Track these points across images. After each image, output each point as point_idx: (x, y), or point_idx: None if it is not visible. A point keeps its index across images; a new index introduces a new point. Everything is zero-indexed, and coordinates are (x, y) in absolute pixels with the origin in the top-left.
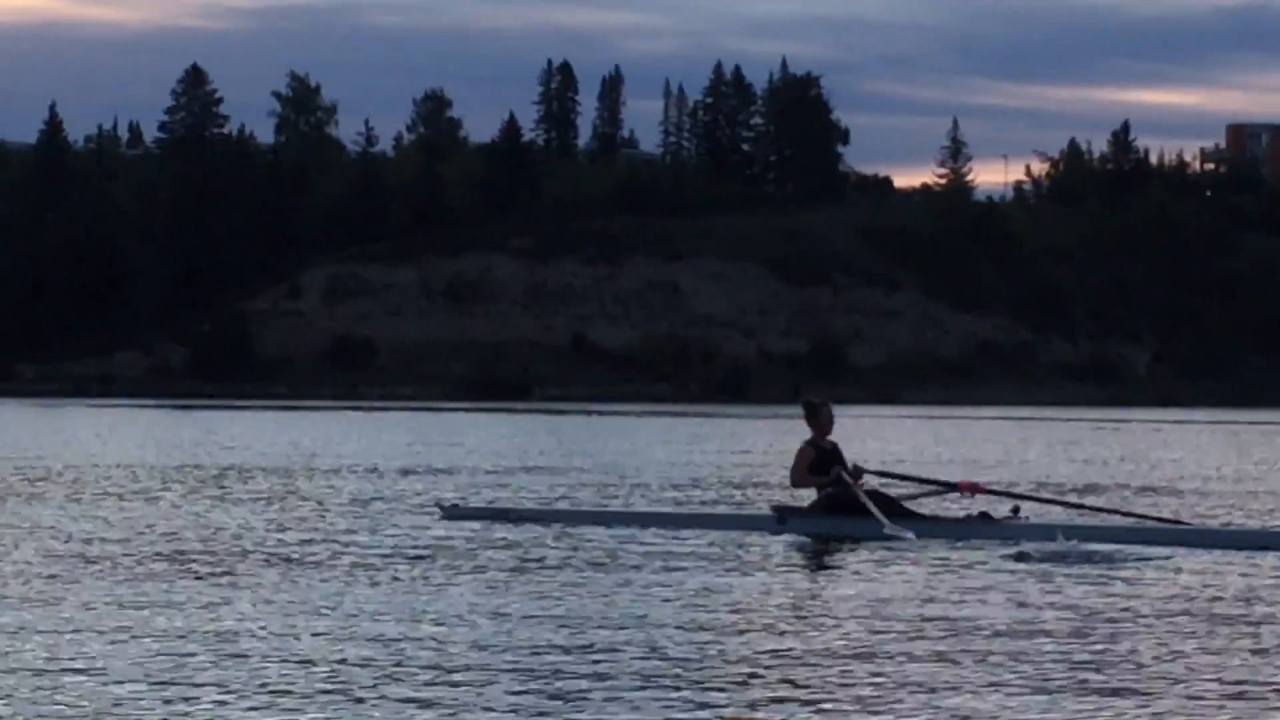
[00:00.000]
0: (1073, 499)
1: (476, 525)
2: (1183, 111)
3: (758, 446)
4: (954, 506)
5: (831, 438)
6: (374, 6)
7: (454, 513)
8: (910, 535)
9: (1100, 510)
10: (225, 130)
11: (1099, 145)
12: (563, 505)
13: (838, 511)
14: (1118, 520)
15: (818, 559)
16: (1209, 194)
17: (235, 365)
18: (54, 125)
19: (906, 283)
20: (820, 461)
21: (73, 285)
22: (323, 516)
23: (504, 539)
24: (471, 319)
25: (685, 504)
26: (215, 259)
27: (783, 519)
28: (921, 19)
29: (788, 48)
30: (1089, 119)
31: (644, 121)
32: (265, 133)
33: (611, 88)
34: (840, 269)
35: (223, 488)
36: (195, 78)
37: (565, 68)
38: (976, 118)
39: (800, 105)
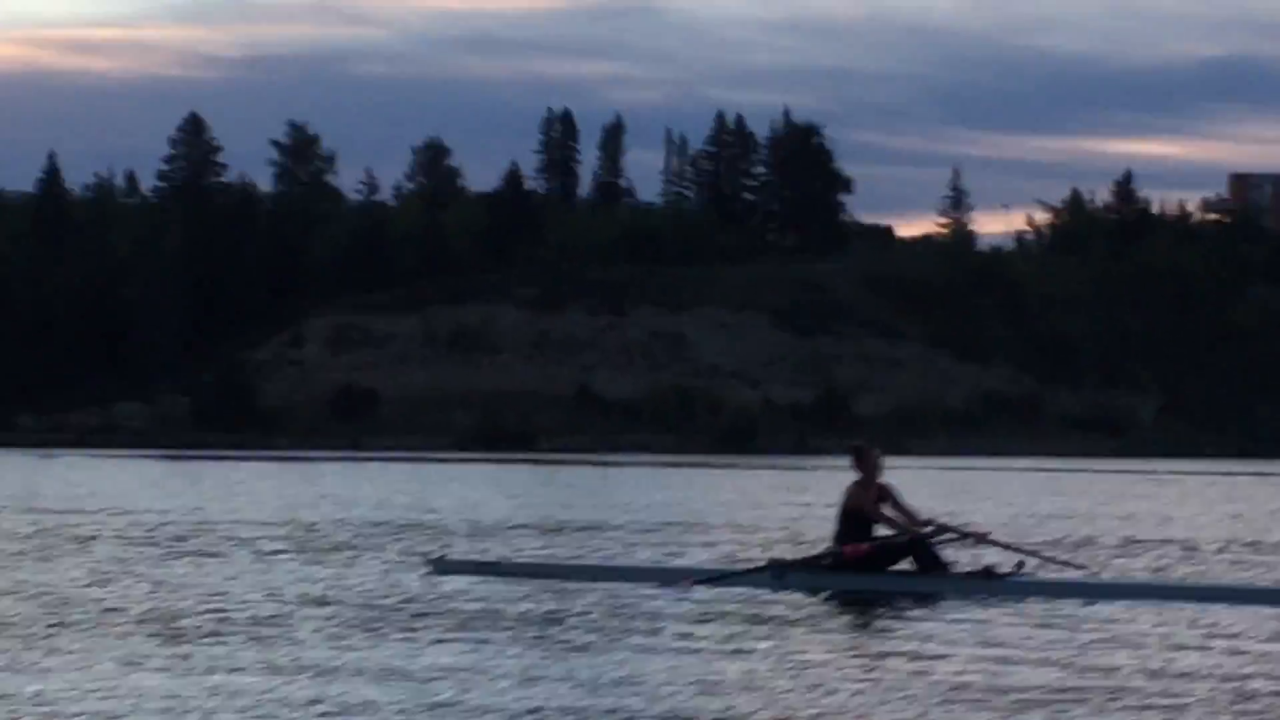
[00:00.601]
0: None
1: (466, 580)
2: (1179, 162)
3: (762, 498)
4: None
5: (881, 480)
6: (361, 56)
7: (442, 566)
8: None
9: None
10: (223, 179)
11: (1099, 195)
12: (556, 559)
13: (841, 569)
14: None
15: (819, 618)
16: (1213, 244)
17: (238, 415)
18: (53, 173)
19: (911, 332)
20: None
21: (75, 334)
22: (306, 571)
23: (493, 594)
24: (476, 369)
25: (683, 558)
26: (219, 308)
27: (781, 574)
28: (910, 70)
29: (778, 98)
30: (1086, 169)
31: (641, 171)
32: (262, 181)
33: (612, 136)
34: (845, 318)
35: (209, 541)
36: (194, 126)
37: (566, 116)
38: (973, 168)
39: (803, 154)
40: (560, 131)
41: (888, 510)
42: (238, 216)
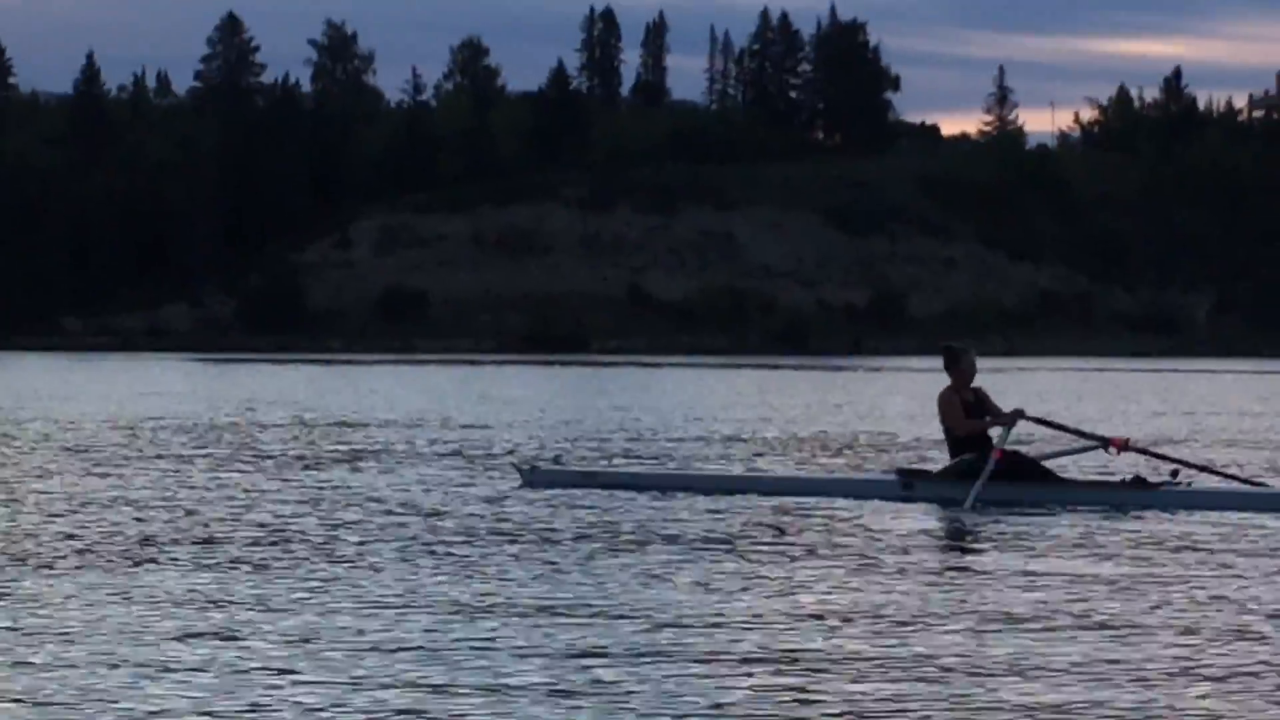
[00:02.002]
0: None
1: (561, 491)
2: (1228, 59)
3: (856, 401)
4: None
5: (975, 384)
6: None
7: (535, 477)
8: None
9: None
10: (261, 79)
11: (1146, 94)
12: (658, 468)
13: (973, 476)
14: None
15: (953, 532)
16: (1264, 141)
17: (285, 318)
18: (91, 74)
19: (963, 232)
20: (965, 411)
21: (118, 238)
22: (387, 483)
23: (594, 507)
24: (525, 270)
25: (797, 467)
26: (263, 210)
27: (909, 484)
28: None
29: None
30: (1129, 70)
31: (681, 71)
32: (300, 82)
33: (655, 35)
34: (896, 218)
35: (269, 446)
36: (231, 26)
37: (608, 14)
38: (1013, 69)
39: (850, 52)
40: (602, 30)
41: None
42: (279, 117)
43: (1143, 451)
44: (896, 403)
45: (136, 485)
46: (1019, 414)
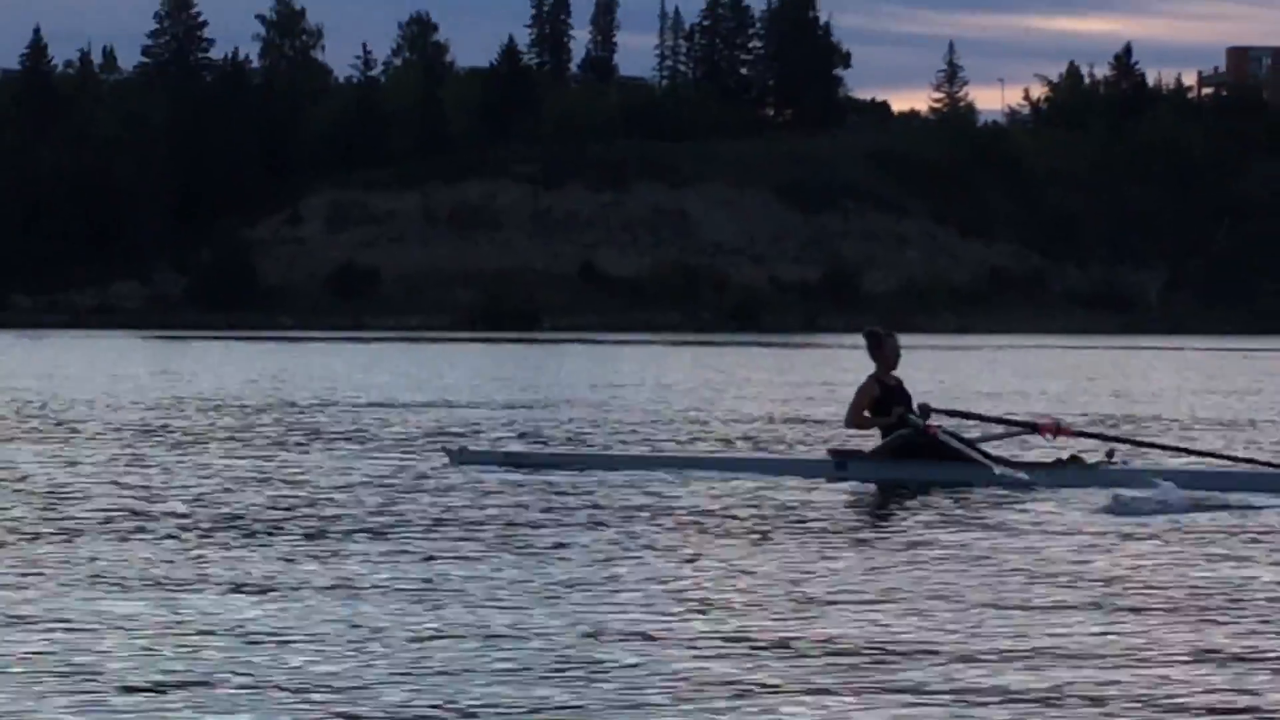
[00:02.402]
0: (1150, 438)
1: (487, 471)
2: (1176, 38)
3: (798, 379)
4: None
5: (897, 373)
6: None
7: (463, 457)
8: (1023, 476)
9: (1205, 455)
10: (210, 55)
11: (1096, 71)
12: (585, 449)
13: (909, 456)
14: (1230, 466)
15: (884, 511)
16: (1213, 119)
17: (236, 295)
18: (38, 50)
19: (915, 209)
20: (884, 400)
21: (67, 214)
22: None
23: (521, 488)
24: (476, 246)
25: (728, 448)
26: (213, 186)
27: (842, 464)
28: None
29: None
30: (1079, 48)
31: (631, 48)
32: (249, 58)
33: (605, 11)
34: (849, 195)
35: (209, 428)
36: (179, 1)
37: None
38: (965, 44)
39: (800, 28)
40: (552, 6)
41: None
42: (228, 93)
43: (1078, 434)
44: (845, 380)
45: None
46: (926, 408)
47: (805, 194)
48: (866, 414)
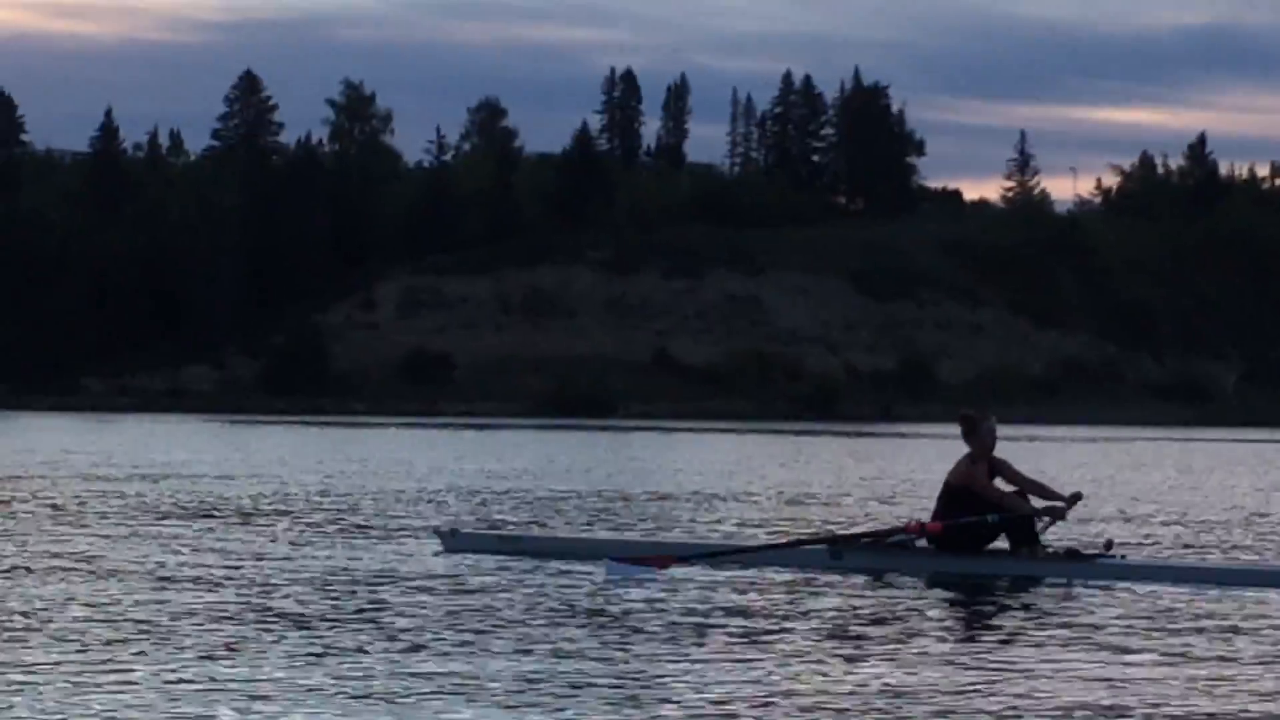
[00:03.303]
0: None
1: (478, 556)
2: (1249, 129)
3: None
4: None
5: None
6: (338, 20)
7: (455, 542)
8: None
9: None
10: (279, 138)
11: (1170, 161)
12: (586, 534)
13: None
14: (1225, 563)
15: (875, 609)
16: None
17: (309, 379)
18: (109, 131)
19: (989, 297)
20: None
21: (138, 296)
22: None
23: (506, 573)
24: (549, 333)
25: (731, 535)
26: (285, 270)
27: (837, 553)
28: (888, 37)
29: (771, 65)
30: (1151, 138)
31: (701, 135)
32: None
33: (676, 97)
34: (923, 283)
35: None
36: (249, 84)
37: (629, 76)
38: (1035, 134)
39: (873, 116)
40: (623, 92)
41: (1003, 490)
42: (300, 176)
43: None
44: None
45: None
46: (1077, 497)
47: (879, 282)
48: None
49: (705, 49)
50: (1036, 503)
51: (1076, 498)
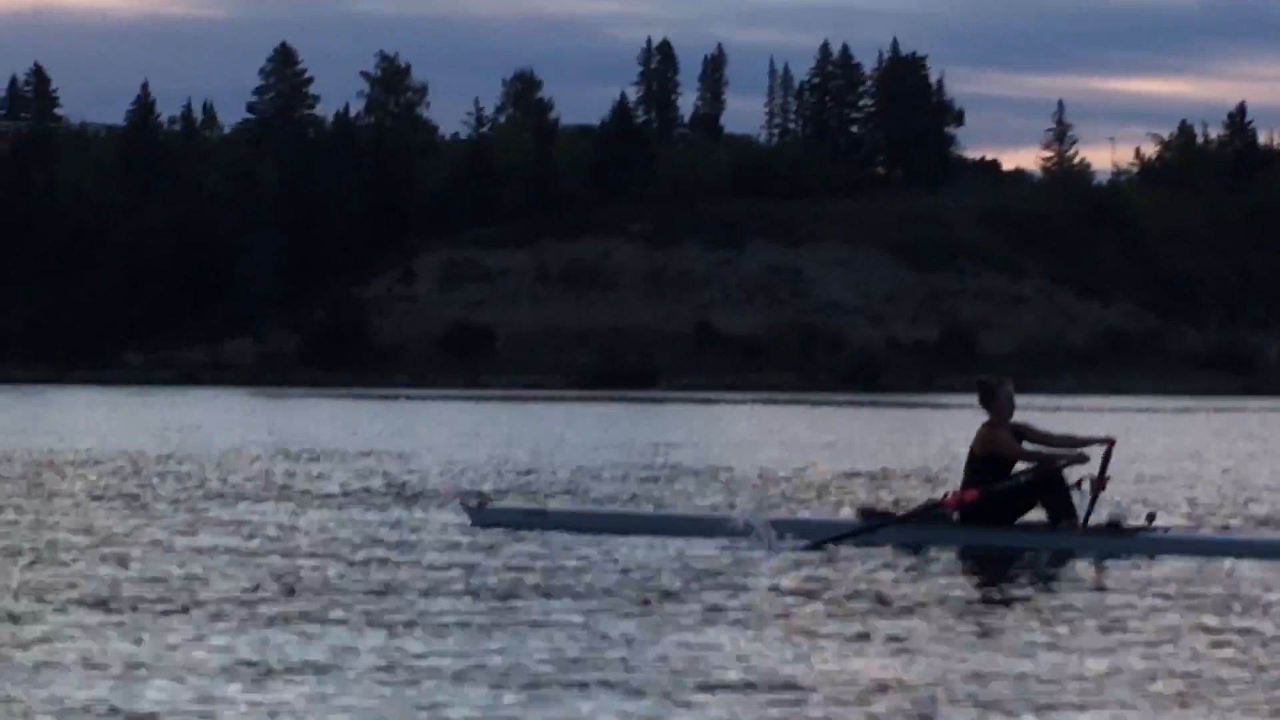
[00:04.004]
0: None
1: (506, 530)
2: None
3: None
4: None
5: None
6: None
7: (482, 515)
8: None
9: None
10: (315, 111)
11: (1210, 130)
12: (613, 508)
13: (979, 522)
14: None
15: (911, 582)
16: None
17: (350, 353)
18: (145, 106)
19: (1030, 268)
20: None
21: (177, 271)
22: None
23: (532, 546)
24: (591, 305)
25: (764, 509)
26: (324, 243)
27: (873, 527)
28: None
29: (788, 37)
30: (1188, 109)
31: (738, 106)
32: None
33: (713, 68)
34: (964, 254)
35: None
36: (284, 58)
37: (665, 47)
38: (1072, 103)
39: (911, 86)
40: (659, 63)
41: (1029, 447)
42: (338, 149)
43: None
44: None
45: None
46: (1110, 441)
47: (921, 253)
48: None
49: (738, 21)
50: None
51: (1109, 441)
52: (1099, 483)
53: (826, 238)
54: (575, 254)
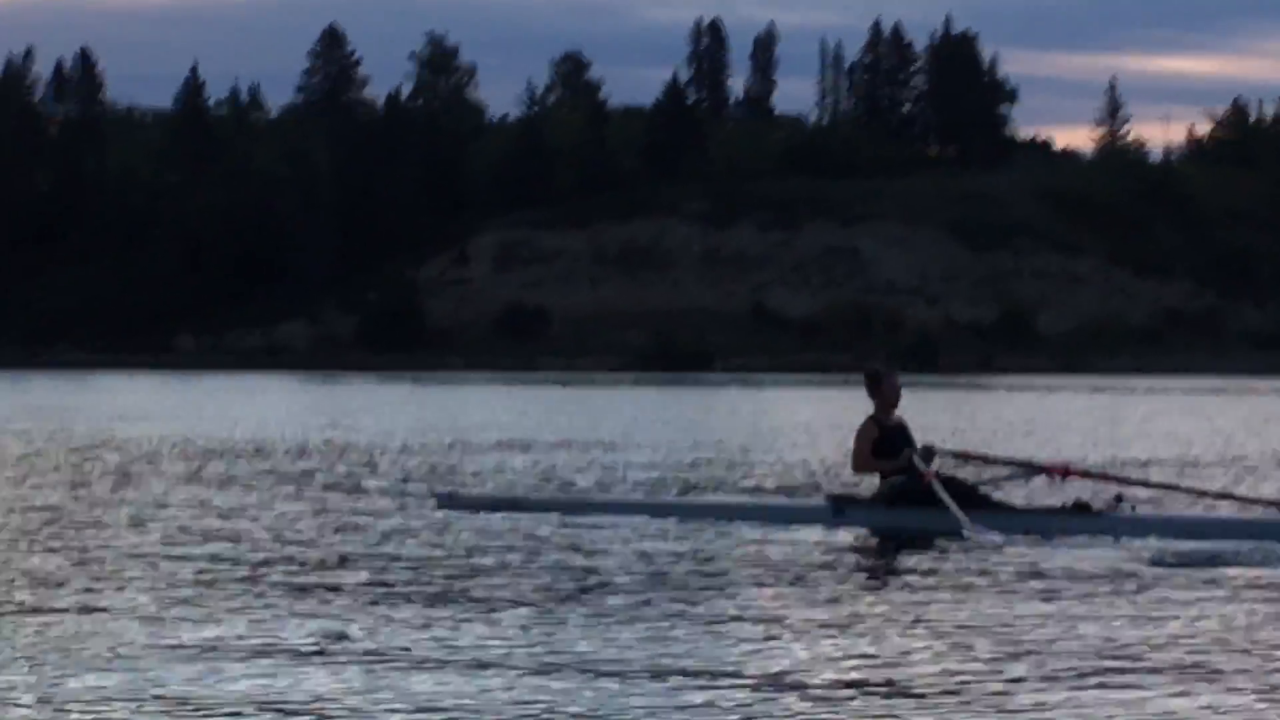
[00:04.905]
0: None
1: (474, 517)
2: None
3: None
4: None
5: (899, 413)
6: None
7: (450, 502)
8: (996, 538)
9: (1229, 497)
10: (364, 93)
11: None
12: (574, 493)
13: (904, 503)
14: (1257, 512)
15: (878, 561)
16: None
17: (405, 335)
18: (195, 88)
19: (1088, 247)
20: (883, 442)
21: (229, 254)
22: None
23: (499, 533)
24: (646, 286)
25: (728, 494)
26: (378, 225)
27: (840, 510)
28: None
29: (880, 14)
30: (1241, 86)
31: (788, 85)
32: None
33: (764, 48)
34: (1021, 233)
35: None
36: (332, 40)
37: (715, 27)
38: (1124, 81)
39: (964, 65)
40: (709, 43)
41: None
42: (391, 130)
43: (1086, 475)
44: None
45: None
46: (930, 450)
47: (977, 232)
48: (873, 458)
49: (787, 1)
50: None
51: (929, 449)
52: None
53: (882, 217)
54: (630, 235)
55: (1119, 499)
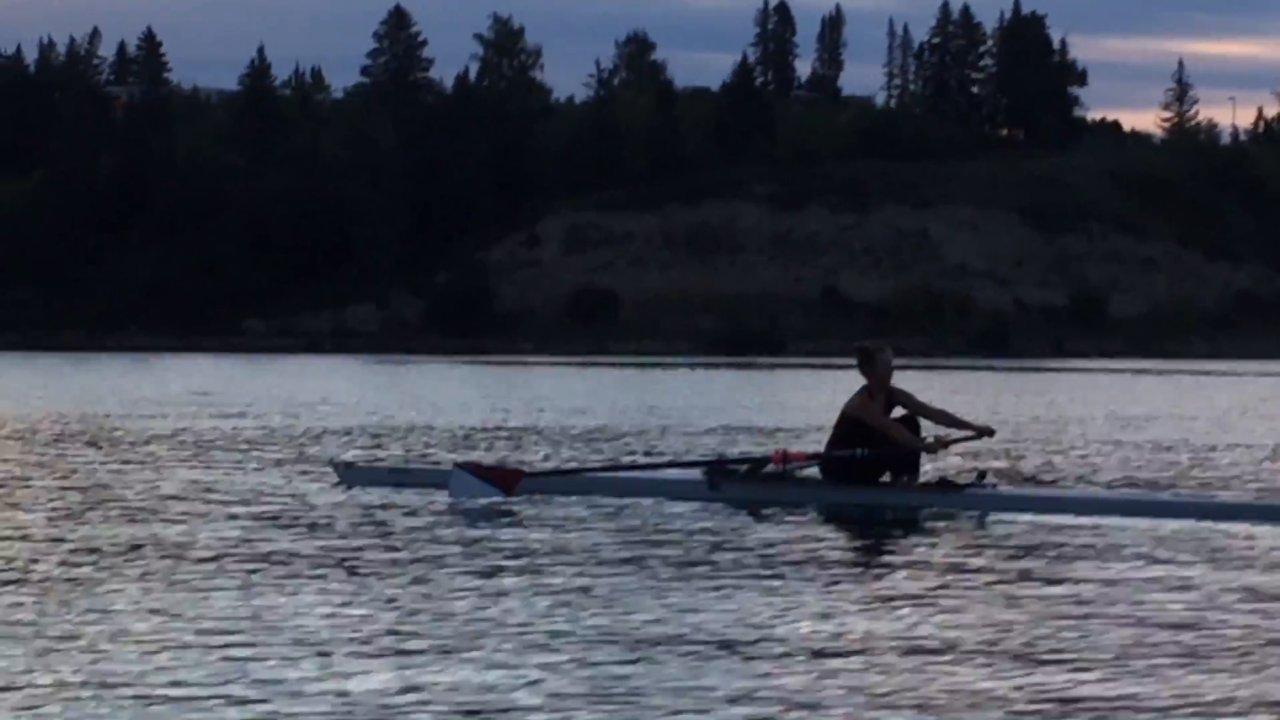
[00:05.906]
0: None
1: (370, 490)
2: None
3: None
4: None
5: (893, 385)
6: None
7: (349, 475)
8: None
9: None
10: (429, 74)
11: None
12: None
13: (846, 478)
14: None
15: (749, 533)
16: None
17: (474, 319)
18: (261, 70)
19: (1159, 230)
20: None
21: (297, 237)
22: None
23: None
24: (716, 269)
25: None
26: (447, 207)
27: (715, 484)
28: None
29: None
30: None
31: (854, 67)
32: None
33: (832, 29)
34: (1092, 216)
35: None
36: (398, 20)
37: (782, 8)
38: (1191, 63)
39: (1033, 46)
40: (776, 25)
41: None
42: (458, 112)
43: (803, 457)
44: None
45: None
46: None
47: (1048, 215)
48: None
49: None
50: (954, 433)
51: (986, 433)
52: (943, 443)
53: (953, 200)
54: (699, 218)
55: (982, 476)
